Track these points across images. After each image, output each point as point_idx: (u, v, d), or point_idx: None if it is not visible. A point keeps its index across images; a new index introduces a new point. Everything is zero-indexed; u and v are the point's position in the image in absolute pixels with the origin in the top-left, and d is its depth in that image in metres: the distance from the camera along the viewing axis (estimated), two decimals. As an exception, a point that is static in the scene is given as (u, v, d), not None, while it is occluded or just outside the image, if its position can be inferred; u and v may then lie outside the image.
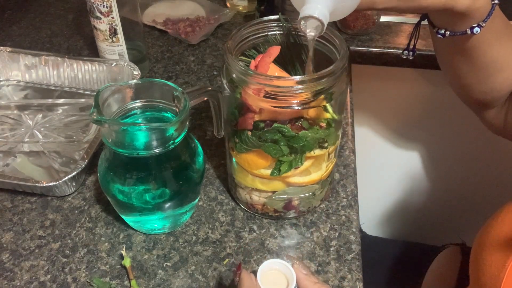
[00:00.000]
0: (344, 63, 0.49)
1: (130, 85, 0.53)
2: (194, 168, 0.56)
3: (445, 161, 1.13)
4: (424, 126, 1.08)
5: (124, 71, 0.77)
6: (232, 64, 0.49)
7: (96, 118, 0.47)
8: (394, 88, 1.03)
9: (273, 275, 0.47)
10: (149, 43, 0.92)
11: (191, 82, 0.83)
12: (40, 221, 0.61)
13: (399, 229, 1.27)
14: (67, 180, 0.61)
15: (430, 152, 1.12)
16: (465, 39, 0.52)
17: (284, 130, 0.50)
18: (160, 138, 0.50)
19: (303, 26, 0.45)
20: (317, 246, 0.58)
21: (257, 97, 0.48)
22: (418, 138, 1.11)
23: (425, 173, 1.16)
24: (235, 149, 0.55)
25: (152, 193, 0.53)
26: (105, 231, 0.60)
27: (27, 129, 0.73)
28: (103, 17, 0.73)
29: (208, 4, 1.01)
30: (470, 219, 0.96)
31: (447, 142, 1.08)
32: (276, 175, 0.54)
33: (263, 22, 0.55)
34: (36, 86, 0.81)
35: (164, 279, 0.55)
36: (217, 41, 0.93)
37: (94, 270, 0.56)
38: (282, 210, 0.59)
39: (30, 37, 0.95)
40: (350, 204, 0.63)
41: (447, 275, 0.80)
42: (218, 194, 0.65)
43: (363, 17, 0.88)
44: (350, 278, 0.55)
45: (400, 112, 1.07)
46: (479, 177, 1.12)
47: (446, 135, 1.07)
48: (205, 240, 0.59)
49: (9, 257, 0.57)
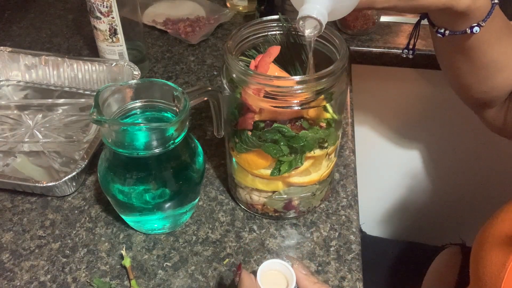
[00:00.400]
0: (344, 63, 0.49)
1: (130, 85, 0.53)
2: (194, 168, 0.56)
3: (445, 161, 1.13)
4: (424, 126, 1.08)
5: (124, 71, 0.77)
6: (232, 64, 0.49)
7: (96, 118, 0.47)
8: (394, 88, 1.03)
9: (273, 275, 0.47)
10: (149, 43, 0.92)
11: (191, 82, 0.83)
12: (40, 221, 0.61)
13: (399, 229, 1.27)
14: (67, 180, 0.61)
15: (430, 152, 1.12)
16: (465, 38, 0.52)
17: (284, 130, 0.50)
18: (160, 138, 0.50)
19: (302, 26, 0.45)
20: (317, 246, 0.58)
21: (257, 97, 0.48)
22: (418, 138, 1.11)
23: (425, 173, 1.16)
24: (235, 149, 0.55)
25: (152, 193, 0.53)
26: (105, 231, 0.60)
27: (27, 129, 0.73)
28: (103, 17, 0.73)
29: (208, 4, 1.01)
30: (470, 219, 0.96)
31: (447, 142, 1.08)
32: (276, 175, 0.54)
33: (263, 22, 0.55)
34: (36, 86, 0.81)
35: (164, 279, 0.55)
36: (217, 41, 0.93)
37: (94, 270, 0.56)
38: (282, 210, 0.59)
39: (30, 37, 0.95)
40: (350, 204, 0.63)
41: (447, 275, 0.80)
42: (218, 194, 0.65)
43: (363, 17, 0.88)
44: (350, 278, 0.55)
45: (400, 112, 1.07)
46: (479, 177, 1.12)
47: (446, 135, 1.07)
48: (205, 240, 0.59)
49: (9, 257, 0.57)
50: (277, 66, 0.53)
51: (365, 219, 0.87)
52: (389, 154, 1.14)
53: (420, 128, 1.08)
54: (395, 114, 1.08)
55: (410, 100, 1.04)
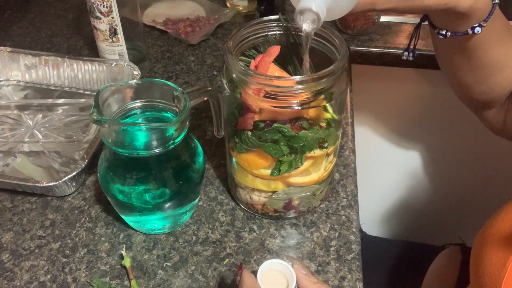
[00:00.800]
0: (344, 63, 0.49)
1: (130, 85, 0.53)
2: (194, 168, 0.56)
3: (445, 161, 1.13)
4: (424, 126, 1.08)
5: (124, 71, 0.77)
6: (232, 64, 0.49)
7: (96, 118, 0.47)
8: (394, 88, 1.03)
9: (273, 275, 0.47)
10: (149, 43, 0.92)
11: (191, 82, 0.83)
12: (40, 221, 0.61)
13: (399, 229, 1.27)
14: (67, 180, 0.61)
15: (430, 152, 1.12)
16: (465, 39, 0.52)
17: (284, 130, 0.50)
18: (160, 138, 0.50)
19: (299, 20, 0.45)
20: (317, 246, 0.58)
21: (257, 97, 0.48)
22: (418, 138, 1.11)
23: (425, 173, 1.16)
24: (235, 149, 0.55)
25: (152, 193, 0.53)
26: (105, 231, 0.60)
27: (27, 129, 0.73)
28: (103, 17, 0.73)
29: (208, 4, 1.01)
30: (470, 219, 0.96)
31: (447, 142, 1.08)
32: (276, 175, 0.54)
33: (263, 22, 0.55)
34: (36, 86, 0.81)
35: (164, 279, 0.55)
36: (217, 41, 0.93)
37: (94, 270, 0.56)
38: (282, 210, 0.59)
39: (30, 37, 0.95)
40: (350, 204, 0.63)
41: (447, 275, 0.80)
42: (218, 194, 0.65)
43: (363, 17, 0.88)
44: (350, 278, 0.55)
45: (400, 112, 1.07)
46: (479, 177, 1.12)
47: (446, 135, 1.07)
48: (205, 240, 0.59)
49: (9, 257, 0.57)
50: (277, 66, 0.53)
51: (365, 219, 0.87)
52: (389, 154, 1.14)
53: (420, 128, 1.08)
54: (395, 114, 1.08)
55: (410, 100, 1.04)
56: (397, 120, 1.09)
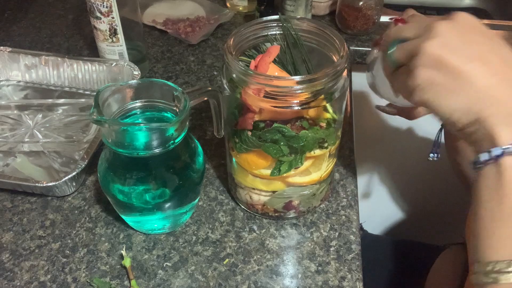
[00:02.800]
0: (344, 63, 0.49)
1: (130, 85, 0.53)
2: (194, 168, 0.56)
3: (446, 160, 1.12)
4: (425, 125, 1.07)
5: (124, 71, 0.77)
6: (232, 64, 0.49)
7: (96, 118, 0.47)
8: (394, 88, 1.02)
9: None
10: (149, 43, 0.92)
11: (191, 82, 0.83)
12: (40, 221, 0.61)
13: (400, 229, 1.27)
14: (67, 180, 0.61)
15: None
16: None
17: (284, 130, 0.50)
18: (160, 138, 0.50)
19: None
20: (317, 246, 0.58)
21: (257, 97, 0.48)
22: (418, 137, 1.11)
23: (425, 172, 1.16)
24: (235, 149, 0.55)
25: (152, 193, 0.53)
26: (105, 231, 0.60)
27: (27, 129, 0.73)
28: (103, 17, 0.73)
29: (208, 4, 1.01)
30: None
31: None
32: (276, 175, 0.54)
33: (263, 22, 0.55)
34: (36, 86, 0.81)
35: (164, 279, 0.55)
36: (217, 41, 0.93)
37: (94, 270, 0.56)
38: (282, 210, 0.59)
39: (30, 37, 0.95)
40: (350, 204, 0.63)
41: (451, 274, 0.80)
42: (218, 194, 0.65)
43: (363, 17, 0.88)
44: (350, 278, 0.55)
45: (400, 112, 1.07)
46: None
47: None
48: (205, 240, 0.59)
49: (9, 257, 0.57)
50: (277, 66, 0.53)
51: (365, 218, 0.87)
52: (389, 154, 1.14)
53: (420, 127, 1.08)
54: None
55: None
56: (397, 120, 1.08)
